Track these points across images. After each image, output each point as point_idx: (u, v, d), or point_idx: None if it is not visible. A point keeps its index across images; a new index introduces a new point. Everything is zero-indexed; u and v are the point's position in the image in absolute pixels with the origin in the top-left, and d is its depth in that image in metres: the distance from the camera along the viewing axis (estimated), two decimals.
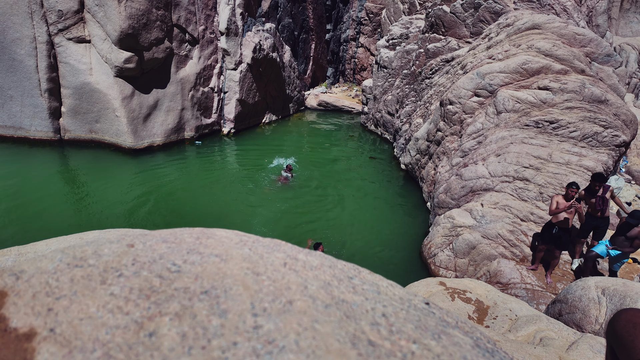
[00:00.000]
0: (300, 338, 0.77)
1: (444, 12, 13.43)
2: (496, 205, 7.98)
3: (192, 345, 0.73)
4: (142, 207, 9.76)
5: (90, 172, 11.45)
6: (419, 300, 1.06)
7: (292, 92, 20.68)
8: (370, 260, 8.15)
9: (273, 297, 0.88)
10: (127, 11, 11.77)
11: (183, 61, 14.18)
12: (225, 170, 12.87)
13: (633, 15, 24.65)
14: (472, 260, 7.35)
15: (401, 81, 15.77)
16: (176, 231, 1.17)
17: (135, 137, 12.95)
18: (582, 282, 4.84)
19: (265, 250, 1.10)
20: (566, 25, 10.32)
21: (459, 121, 10.05)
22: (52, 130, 12.75)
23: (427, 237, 8.45)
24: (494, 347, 0.99)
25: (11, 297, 0.84)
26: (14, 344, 0.73)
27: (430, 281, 5.26)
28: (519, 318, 4.37)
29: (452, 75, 11.91)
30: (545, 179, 8.03)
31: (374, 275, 1.14)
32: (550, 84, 9.15)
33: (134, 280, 0.89)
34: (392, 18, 21.99)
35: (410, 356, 0.79)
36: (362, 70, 27.33)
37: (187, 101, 14.34)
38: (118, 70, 12.27)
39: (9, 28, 11.84)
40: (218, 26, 15.33)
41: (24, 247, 2.33)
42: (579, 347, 3.50)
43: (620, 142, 8.54)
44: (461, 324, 1.03)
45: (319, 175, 12.70)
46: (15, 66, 12.16)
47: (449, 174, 9.55)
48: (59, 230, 8.28)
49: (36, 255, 1.05)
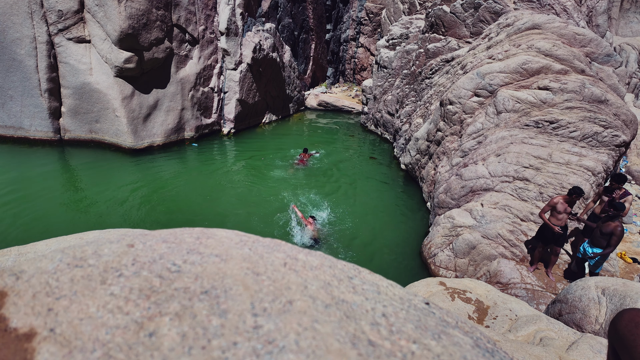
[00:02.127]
0: (300, 338, 0.77)
1: (444, 12, 13.43)
2: (496, 205, 7.98)
3: (192, 345, 0.73)
4: (142, 207, 9.76)
5: (90, 172, 11.45)
6: (419, 300, 1.06)
7: (292, 92, 20.67)
8: (370, 260, 8.16)
9: (273, 297, 0.88)
10: (127, 11, 11.77)
11: (183, 61, 14.18)
12: (225, 170, 12.87)
13: (633, 15, 24.65)
14: (472, 260, 7.35)
15: (401, 81, 15.77)
16: (176, 231, 1.17)
17: (135, 137, 12.95)
18: (582, 282, 4.84)
19: (265, 250, 1.10)
20: (566, 25, 10.32)
21: (459, 121, 10.05)
22: (52, 130, 12.75)
23: (427, 237, 8.45)
24: (494, 347, 0.99)
25: (11, 297, 0.84)
26: (14, 344, 0.73)
27: (430, 281, 5.26)
28: (519, 318, 4.37)
29: (452, 75, 11.91)
30: (545, 179, 8.03)
31: (374, 275, 1.14)
32: (550, 84, 9.15)
33: (134, 280, 0.89)
34: (392, 18, 21.99)
35: (410, 356, 0.79)
36: (362, 70, 27.33)
37: (187, 101, 14.33)
38: (118, 70, 12.27)
39: (9, 28, 11.84)
40: (218, 26, 15.33)
41: (24, 247, 2.33)
42: (579, 347, 3.50)
43: (620, 142, 8.53)
44: (461, 324, 1.03)
45: (318, 175, 12.70)
46: (15, 66, 12.16)
47: (449, 174, 9.55)
48: (59, 230, 8.29)
49: (36, 255, 1.05)
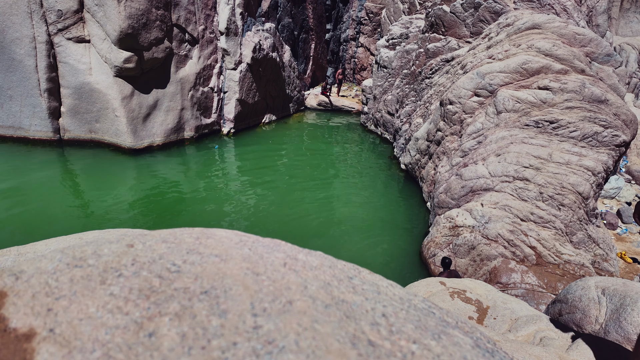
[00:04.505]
0: (300, 338, 0.77)
1: (444, 11, 13.43)
2: (496, 205, 7.98)
3: (191, 346, 0.73)
4: (141, 207, 9.76)
5: (90, 172, 11.44)
6: (419, 300, 1.06)
7: (292, 92, 20.67)
8: (370, 260, 8.15)
9: (273, 297, 0.88)
10: (127, 11, 11.77)
11: (183, 61, 14.17)
12: (225, 170, 12.87)
13: (633, 15, 24.65)
14: (472, 260, 7.35)
15: (401, 81, 15.77)
16: (176, 231, 1.17)
17: (135, 137, 12.95)
18: (582, 282, 4.84)
19: (265, 250, 1.10)
20: (566, 25, 10.32)
21: (459, 121, 10.05)
22: (51, 130, 12.75)
23: (427, 237, 8.45)
24: (494, 347, 0.99)
25: (11, 297, 0.84)
26: (13, 344, 0.72)
27: (430, 281, 5.26)
28: (519, 318, 4.37)
29: (452, 75, 11.91)
30: (545, 179, 8.03)
31: (374, 275, 1.13)
32: (550, 83, 9.15)
33: (133, 280, 0.89)
34: (392, 18, 21.98)
35: (410, 356, 0.78)
36: (362, 70, 27.32)
37: (186, 101, 14.33)
38: (118, 70, 12.26)
39: (8, 28, 11.83)
40: (218, 26, 15.32)
41: (23, 247, 2.33)
42: (579, 347, 3.50)
43: (620, 142, 8.54)
44: (461, 324, 1.03)
45: (318, 175, 12.70)
46: (15, 66, 12.15)
47: (449, 174, 9.55)
48: (59, 230, 8.28)
49: (36, 256, 1.05)
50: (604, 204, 12.35)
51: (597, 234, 8.15)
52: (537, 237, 7.48)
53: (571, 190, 7.96)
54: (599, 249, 7.90)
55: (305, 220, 9.69)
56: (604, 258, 7.80)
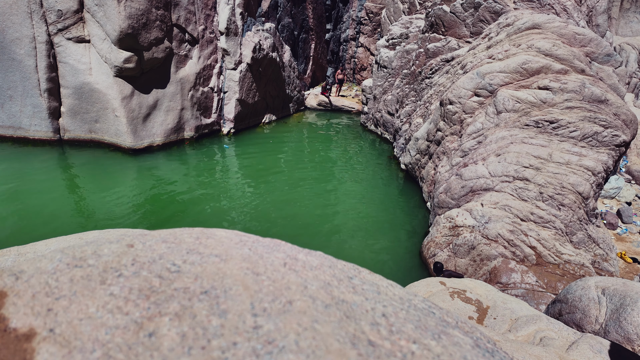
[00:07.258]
0: (300, 338, 0.77)
1: (444, 11, 13.43)
2: (496, 205, 7.98)
3: (191, 346, 0.73)
4: (141, 207, 9.76)
5: (90, 172, 11.44)
6: (419, 300, 1.06)
7: (292, 92, 20.66)
8: (370, 260, 8.15)
9: (273, 297, 0.88)
10: (127, 11, 11.76)
11: (183, 61, 14.17)
12: (225, 170, 12.87)
13: (633, 15, 24.64)
14: (472, 260, 7.35)
15: (401, 81, 15.77)
16: (176, 231, 1.17)
17: (135, 137, 12.95)
18: (582, 282, 4.84)
19: (265, 250, 1.10)
20: (566, 25, 10.32)
21: (459, 121, 10.05)
22: (51, 130, 12.75)
23: (427, 237, 8.45)
24: (494, 347, 0.99)
25: (11, 297, 0.84)
26: (13, 344, 0.72)
27: (431, 281, 5.26)
28: (519, 318, 4.37)
29: (452, 75, 11.91)
30: (545, 179, 8.03)
31: (373, 275, 1.13)
32: (550, 83, 9.15)
33: (133, 280, 0.89)
34: (392, 18, 21.98)
35: (410, 356, 0.78)
36: (362, 70, 27.32)
37: (186, 101, 14.33)
38: (117, 70, 12.26)
39: (8, 28, 11.83)
40: (218, 26, 15.32)
41: (23, 247, 2.33)
42: (579, 347, 3.50)
43: (621, 141, 8.53)
44: (461, 324, 1.03)
45: (318, 175, 12.70)
46: (15, 66, 12.15)
47: (449, 174, 9.55)
48: (59, 230, 8.28)
49: (36, 256, 1.05)
50: (604, 204, 12.35)
51: (597, 234, 8.15)
52: (537, 237, 7.48)
53: (571, 190, 7.96)
54: (599, 249, 7.90)
55: (305, 220, 9.69)
56: (604, 258, 7.80)
